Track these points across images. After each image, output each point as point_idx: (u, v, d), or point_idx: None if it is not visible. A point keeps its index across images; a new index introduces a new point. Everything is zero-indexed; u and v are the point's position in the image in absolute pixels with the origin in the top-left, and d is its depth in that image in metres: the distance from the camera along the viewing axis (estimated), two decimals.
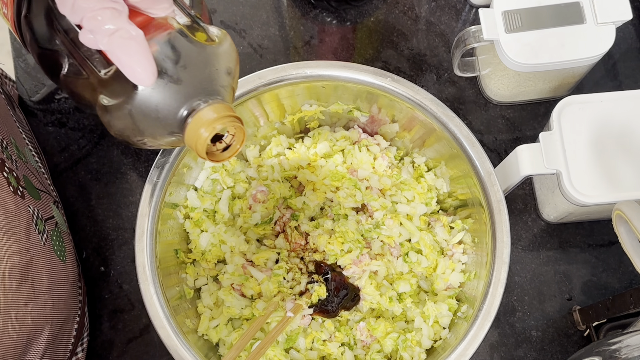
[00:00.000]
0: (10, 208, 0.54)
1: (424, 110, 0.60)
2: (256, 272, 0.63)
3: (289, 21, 0.77)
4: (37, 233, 0.57)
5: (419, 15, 0.77)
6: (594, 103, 0.61)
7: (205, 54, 0.46)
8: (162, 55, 0.44)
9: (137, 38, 0.41)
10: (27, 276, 0.54)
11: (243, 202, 0.66)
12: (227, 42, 0.48)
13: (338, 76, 0.60)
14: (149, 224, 0.58)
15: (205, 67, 0.45)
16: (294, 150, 0.67)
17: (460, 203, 0.65)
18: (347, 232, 0.63)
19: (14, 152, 0.60)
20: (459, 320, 0.61)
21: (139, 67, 0.42)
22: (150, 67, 0.42)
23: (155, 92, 0.44)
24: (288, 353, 0.62)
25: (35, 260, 0.56)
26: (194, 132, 0.44)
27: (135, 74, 0.42)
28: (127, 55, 0.41)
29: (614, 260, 0.70)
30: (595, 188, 0.59)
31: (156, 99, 0.44)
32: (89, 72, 0.46)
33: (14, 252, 0.53)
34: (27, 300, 0.54)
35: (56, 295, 0.59)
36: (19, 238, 0.54)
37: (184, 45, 0.45)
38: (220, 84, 0.46)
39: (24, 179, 0.59)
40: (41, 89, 0.76)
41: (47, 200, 0.63)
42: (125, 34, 0.41)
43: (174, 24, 0.45)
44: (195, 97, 0.45)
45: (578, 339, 0.68)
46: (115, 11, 0.41)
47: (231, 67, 0.48)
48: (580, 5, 0.63)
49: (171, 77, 0.44)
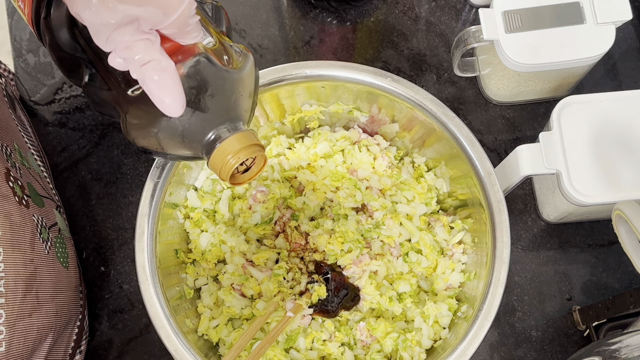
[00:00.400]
0: (16, 220, 0.54)
1: (424, 110, 0.60)
2: (256, 272, 0.63)
3: (289, 21, 0.77)
4: (42, 242, 0.57)
5: (419, 15, 0.77)
6: (594, 103, 0.61)
7: (230, 81, 0.46)
8: (189, 82, 0.44)
9: (169, 70, 0.42)
10: (31, 287, 0.54)
11: (243, 202, 0.66)
12: (250, 63, 0.49)
13: (338, 76, 0.60)
14: (149, 224, 0.58)
15: (231, 94, 0.47)
16: (294, 150, 0.67)
17: (460, 203, 0.65)
18: (347, 232, 0.63)
19: (17, 160, 0.60)
20: (459, 320, 0.61)
21: (169, 99, 0.42)
22: (180, 100, 0.42)
23: (182, 119, 0.45)
24: (288, 353, 0.62)
25: (39, 270, 0.56)
26: (219, 160, 0.46)
27: (164, 106, 0.42)
28: (158, 87, 0.42)
29: (614, 260, 0.70)
30: (595, 188, 0.59)
31: (183, 126, 0.45)
32: (113, 86, 0.46)
33: (19, 264, 0.53)
34: (32, 310, 0.54)
35: (59, 302, 0.59)
36: (24, 250, 0.54)
37: (210, 71, 0.45)
38: (244, 109, 0.48)
39: (28, 186, 0.59)
40: (41, 89, 0.76)
41: (50, 207, 0.63)
42: (157, 66, 0.41)
43: (200, 48, 0.45)
44: (221, 125, 0.46)
45: (578, 339, 0.68)
46: (148, 42, 0.41)
47: (253, 89, 0.49)
48: (580, 5, 0.63)
49: (198, 105, 0.45)
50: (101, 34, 0.40)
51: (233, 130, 0.46)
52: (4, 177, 0.55)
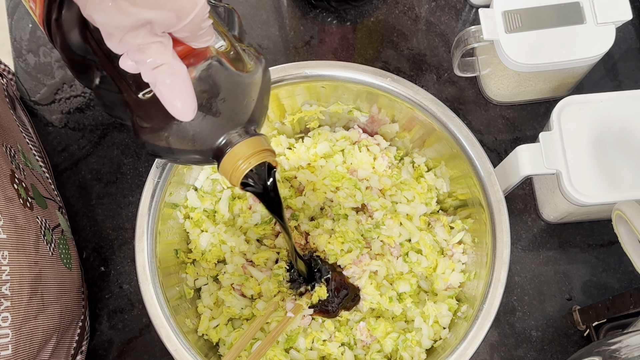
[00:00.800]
0: (21, 223, 0.54)
1: (424, 110, 0.60)
2: (256, 272, 0.63)
3: (289, 21, 0.77)
4: (45, 244, 0.57)
5: (419, 15, 0.77)
6: (594, 103, 0.61)
7: (242, 85, 0.46)
8: (200, 86, 0.44)
9: (181, 74, 0.41)
10: (37, 289, 0.54)
11: (243, 202, 0.66)
12: (262, 67, 0.48)
13: (338, 76, 0.60)
14: (149, 224, 0.58)
15: (243, 98, 0.46)
16: (294, 150, 0.67)
17: (460, 203, 0.65)
18: (347, 232, 0.63)
19: (21, 161, 0.60)
20: (459, 320, 0.61)
21: (180, 103, 0.42)
22: (191, 104, 0.42)
23: (193, 123, 0.44)
24: (288, 353, 0.62)
25: (44, 272, 0.56)
26: (230, 165, 0.45)
27: (175, 110, 0.42)
28: (170, 91, 0.41)
29: (614, 260, 0.70)
30: (595, 188, 0.59)
31: (193, 130, 0.45)
32: (124, 89, 0.46)
33: (24, 267, 0.53)
34: (37, 312, 0.54)
35: (63, 303, 0.59)
36: (29, 252, 0.54)
37: (222, 75, 0.45)
38: (255, 113, 0.47)
39: (32, 188, 0.59)
40: (41, 89, 0.76)
41: (52, 208, 0.63)
42: (169, 70, 0.41)
43: (212, 51, 0.45)
44: (232, 130, 0.46)
45: (578, 339, 0.68)
46: (160, 45, 0.40)
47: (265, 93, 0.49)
48: (580, 5, 0.63)
49: (209, 110, 0.45)
50: (113, 36, 0.40)
51: (244, 135, 0.46)
52: (9, 179, 0.55)
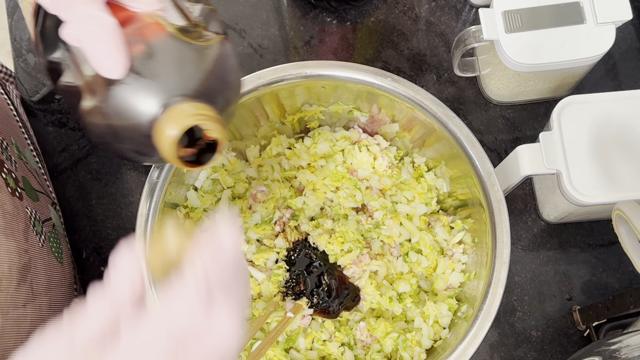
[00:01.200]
0: (8, 209, 0.54)
1: (424, 110, 0.60)
2: (256, 272, 0.63)
3: (289, 21, 0.77)
4: (35, 234, 0.57)
5: (419, 15, 0.77)
6: (594, 103, 0.61)
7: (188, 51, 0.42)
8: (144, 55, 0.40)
9: (109, 25, 0.38)
10: (26, 277, 0.54)
11: (243, 202, 0.66)
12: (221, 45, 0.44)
13: (338, 76, 0.60)
14: (149, 224, 0.58)
15: (187, 65, 0.41)
16: (294, 150, 0.67)
17: (460, 203, 0.65)
18: (347, 232, 0.63)
19: (14, 153, 0.60)
20: (459, 320, 0.61)
21: (107, 56, 0.38)
22: (120, 57, 0.39)
23: (129, 88, 0.40)
24: (288, 353, 0.62)
25: (34, 261, 0.56)
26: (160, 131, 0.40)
27: (102, 64, 0.39)
28: (95, 43, 0.38)
29: (614, 260, 0.70)
30: (595, 188, 0.59)
31: (130, 96, 0.40)
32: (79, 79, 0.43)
33: (13, 252, 0.53)
34: (26, 301, 0.54)
35: (54, 296, 0.59)
36: (18, 239, 0.54)
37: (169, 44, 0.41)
38: (205, 86, 0.42)
39: (23, 180, 0.59)
40: (41, 89, 0.76)
41: (45, 202, 0.63)
42: (96, 21, 0.38)
43: (166, 27, 0.42)
44: (171, 95, 0.40)
45: (578, 339, 0.68)
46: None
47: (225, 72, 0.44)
48: (580, 5, 0.63)
49: (147, 72, 0.40)
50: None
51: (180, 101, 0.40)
52: None
